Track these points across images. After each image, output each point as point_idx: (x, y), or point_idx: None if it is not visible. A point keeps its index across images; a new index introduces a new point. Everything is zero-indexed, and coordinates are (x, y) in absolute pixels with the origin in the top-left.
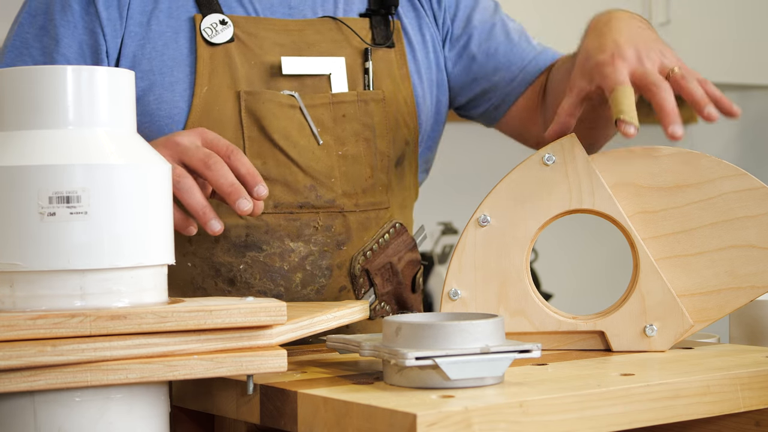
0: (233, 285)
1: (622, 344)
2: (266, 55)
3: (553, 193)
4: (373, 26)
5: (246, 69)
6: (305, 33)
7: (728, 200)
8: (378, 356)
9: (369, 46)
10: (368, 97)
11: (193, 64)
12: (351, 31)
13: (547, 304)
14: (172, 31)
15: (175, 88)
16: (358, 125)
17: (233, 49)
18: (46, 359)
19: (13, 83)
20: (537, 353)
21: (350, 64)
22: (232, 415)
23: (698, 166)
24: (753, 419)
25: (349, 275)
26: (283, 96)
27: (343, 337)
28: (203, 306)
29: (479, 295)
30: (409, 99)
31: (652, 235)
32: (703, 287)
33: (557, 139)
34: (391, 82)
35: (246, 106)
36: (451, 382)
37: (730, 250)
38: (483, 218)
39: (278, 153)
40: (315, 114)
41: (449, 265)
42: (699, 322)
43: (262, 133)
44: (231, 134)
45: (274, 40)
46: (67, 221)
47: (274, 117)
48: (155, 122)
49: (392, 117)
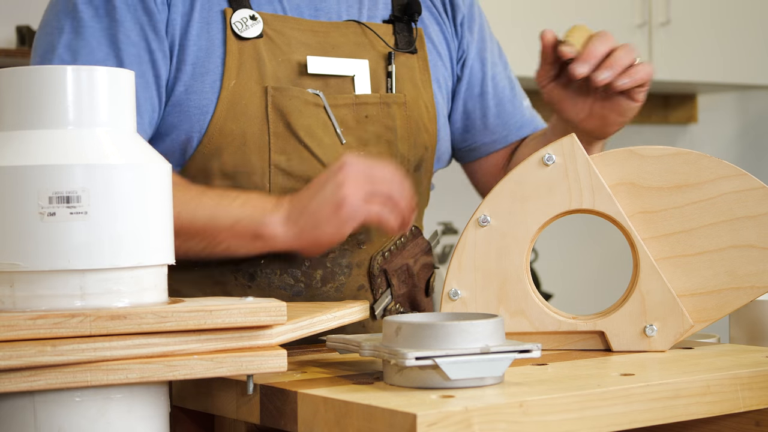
0: (253, 280)
1: (622, 344)
2: (293, 53)
3: (553, 193)
4: (396, 32)
5: (273, 65)
6: (330, 35)
7: (728, 200)
8: (378, 356)
9: (392, 50)
10: (390, 100)
11: (222, 57)
12: (375, 35)
13: (547, 304)
14: (205, 22)
15: (206, 79)
16: (380, 127)
17: (261, 45)
18: (46, 359)
19: (13, 83)
20: (537, 353)
21: (373, 67)
22: (232, 415)
23: (698, 166)
24: (753, 419)
25: (368, 274)
26: (309, 94)
27: (343, 337)
28: (203, 306)
29: (479, 295)
30: (430, 105)
31: (652, 235)
32: (703, 287)
33: (557, 140)
34: (412, 86)
35: (273, 102)
36: (451, 382)
37: (730, 250)
38: (483, 218)
39: (303, 150)
40: (338, 114)
41: (449, 265)
42: (699, 322)
43: (287, 129)
44: (257, 129)
45: (300, 40)
46: (67, 221)
47: (300, 114)
48: (184, 112)
49: (413, 121)
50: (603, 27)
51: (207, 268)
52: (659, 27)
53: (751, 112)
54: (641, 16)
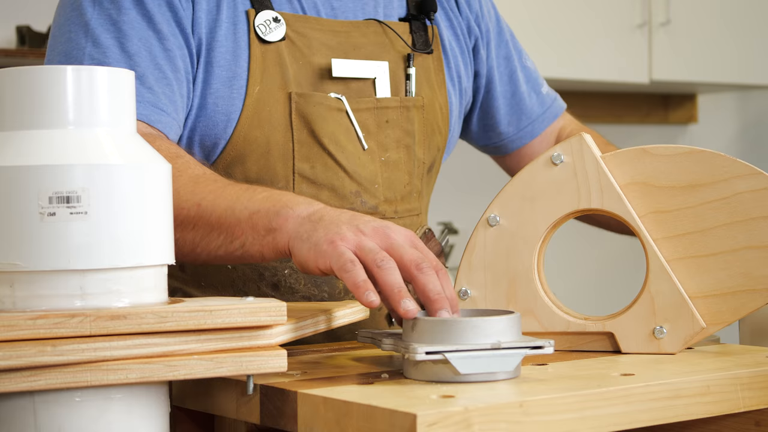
0: (277, 290)
1: (631, 346)
2: (314, 56)
3: (562, 193)
4: (413, 31)
5: (295, 69)
6: (351, 35)
7: (743, 200)
8: (396, 350)
9: (412, 51)
10: (410, 104)
11: (248, 61)
12: (395, 34)
13: (560, 303)
14: (232, 22)
15: (233, 84)
16: (400, 131)
17: (283, 48)
18: (46, 359)
19: (13, 83)
20: (549, 350)
21: (393, 68)
22: (232, 415)
23: (712, 165)
24: (753, 419)
25: None
26: (332, 99)
27: (371, 332)
28: (203, 306)
29: (489, 294)
30: (444, 106)
31: (665, 236)
32: (717, 289)
33: (567, 139)
34: (428, 88)
35: (297, 109)
36: (463, 376)
37: (745, 251)
38: (493, 218)
39: (327, 157)
40: (360, 118)
41: (459, 265)
42: (713, 324)
43: (311, 136)
44: (280, 136)
45: (321, 41)
46: (67, 221)
47: (323, 121)
48: (210, 117)
49: (429, 124)
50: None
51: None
52: (659, 27)
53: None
54: (641, 16)
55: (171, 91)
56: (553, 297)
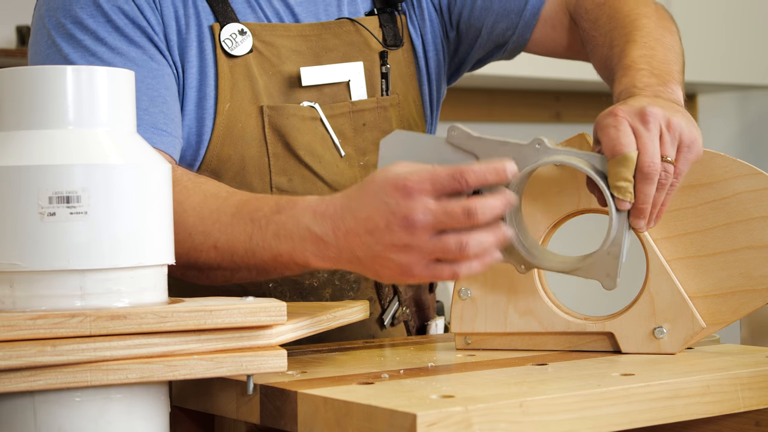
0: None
1: (631, 346)
2: (284, 65)
3: (563, 193)
4: (382, 25)
5: (265, 81)
6: (322, 38)
7: (743, 200)
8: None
9: (385, 48)
10: (387, 103)
11: (215, 78)
12: (368, 32)
13: (560, 303)
14: (199, 40)
15: (205, 105)
16: (378, 132)
17: (251, 60)
18: (46, 359)
19: (13, 83)
20: None
21: (368, 67)
22: (232, 415)
23: (712, 165)
24: (753, 419)
25: (375, 286)
26: (305, 108)
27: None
28: (203, 306)
29: (489, 293)
30: (416, 99)
31: (665, 236)
32: (717, 289)
33: (567, 139)
34: (402, 83)
35: (270, 122)
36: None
37: (745, 251)
38: None
39: (304, 169)
40: (336, 124)
41: None
42: (713, 324)
43: (287, 149)
44: (255, 151)
45: (291, 48)
46: (67, 221)
47: (298, 132)
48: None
49: (405, 119)
50: None
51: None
52: None
53: (751, 112)
54: None
55: (167, 107)
56: (553, 297)
